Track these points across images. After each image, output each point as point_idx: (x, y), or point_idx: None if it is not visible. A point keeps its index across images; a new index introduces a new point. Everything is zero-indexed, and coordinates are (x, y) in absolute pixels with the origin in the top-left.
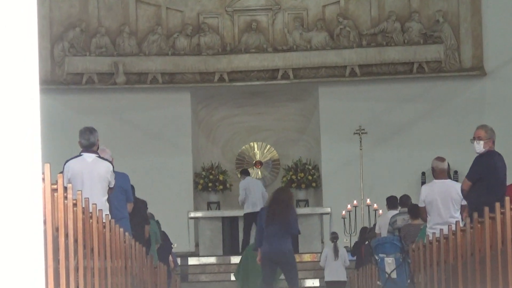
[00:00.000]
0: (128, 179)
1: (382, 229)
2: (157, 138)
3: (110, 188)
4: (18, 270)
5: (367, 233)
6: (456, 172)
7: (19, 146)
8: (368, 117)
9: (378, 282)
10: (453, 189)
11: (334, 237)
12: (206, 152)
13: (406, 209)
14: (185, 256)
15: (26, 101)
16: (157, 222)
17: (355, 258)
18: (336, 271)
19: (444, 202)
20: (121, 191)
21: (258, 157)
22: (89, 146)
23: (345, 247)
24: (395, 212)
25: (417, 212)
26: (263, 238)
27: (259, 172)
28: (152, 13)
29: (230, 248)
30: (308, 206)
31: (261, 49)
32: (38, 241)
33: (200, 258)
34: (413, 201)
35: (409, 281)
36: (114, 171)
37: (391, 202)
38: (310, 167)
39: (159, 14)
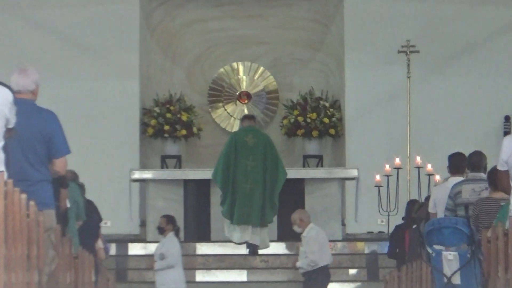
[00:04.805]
0: (55, 121)
1: (439, 206)
2: (84, 51)
3: (8, 129)
4: None
5: (415, 211)
6: None
7: None
8: (420, 28)
9: None
10: None
11: None
12: (162, 77)
13: (479, 175)
14: (124, 241)
15: None
16: (81, 185)
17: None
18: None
19: None
20: (41, 140)
21: (244, 86)
22: None
23: (380, 232)
24: (460, 178)
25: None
26: None
27: (245, 109)
28: None
29: (196, 230)
30: (322, 166)
31: None
32: None
33: (147, 244)
34: (492, 163)
35: None
36: (16, 103)
37: (456, 163)
38: (327, 104)
39: None
